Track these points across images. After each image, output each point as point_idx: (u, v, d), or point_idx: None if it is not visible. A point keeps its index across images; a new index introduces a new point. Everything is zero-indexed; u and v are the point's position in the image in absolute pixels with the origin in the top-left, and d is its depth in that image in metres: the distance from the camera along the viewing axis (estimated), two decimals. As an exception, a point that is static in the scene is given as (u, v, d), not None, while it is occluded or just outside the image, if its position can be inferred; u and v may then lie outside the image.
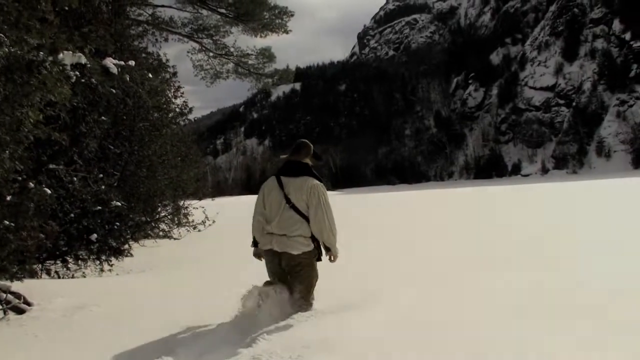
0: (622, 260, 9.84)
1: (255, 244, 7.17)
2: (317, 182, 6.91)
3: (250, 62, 27.20)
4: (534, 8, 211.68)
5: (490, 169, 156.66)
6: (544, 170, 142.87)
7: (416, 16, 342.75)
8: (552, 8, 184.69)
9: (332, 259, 6.96)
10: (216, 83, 27.49)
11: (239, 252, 15.88)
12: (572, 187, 52.99)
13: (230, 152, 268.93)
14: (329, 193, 7.24)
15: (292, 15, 26.27)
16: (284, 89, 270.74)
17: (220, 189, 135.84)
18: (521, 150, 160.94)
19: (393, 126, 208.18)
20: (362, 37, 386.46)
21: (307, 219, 6.74)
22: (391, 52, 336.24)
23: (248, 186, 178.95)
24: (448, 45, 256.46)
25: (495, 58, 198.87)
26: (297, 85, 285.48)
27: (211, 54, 26.48)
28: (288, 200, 6.76)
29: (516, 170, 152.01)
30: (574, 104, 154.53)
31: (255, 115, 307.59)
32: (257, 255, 7.28)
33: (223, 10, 24.75)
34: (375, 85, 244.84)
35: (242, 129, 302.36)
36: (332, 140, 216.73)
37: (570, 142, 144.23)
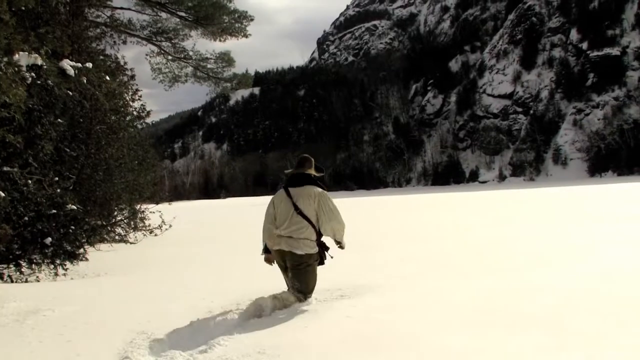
0: (578, 265, 9.92)
1: (266, 250, 7.97)
2: (321, 190, 7.83)
3: (209, 66, 27.14)
4: (493, 16, 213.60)
5: (448, 175, 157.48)
6: (501, 178, 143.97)
7: (376, 22, 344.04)
8: (511, 17, 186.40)
9: (343, 247, 7.95)
10: (175, 86, 27.43)
11: (195, 256, 15.85)
12: (528, 193, 53.46)
13: (188, 156, 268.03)
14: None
15: (252, 20, 26.27)
16: (242, 93, 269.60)
17: (177, 193, 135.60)
18: (479, 157, 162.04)
19: (351, 132, 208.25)
20: (322, 43, 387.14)
21: (312, 224, 7.58)
22: (351, 58, 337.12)
23: (205, 190, 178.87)
24: (407, 51, 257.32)
25: (454, 65, 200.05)
26: (256, 90, 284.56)
27: (170, 57, 26.37)
28: (296, 208, 7.58)
29: (474, 177, 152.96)
30: (531, 112, 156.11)
31: (213, 120, 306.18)
32: (268, 260, 8.08)
33: (182, 14, 24.68)
34: (334, 91, 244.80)
35: (200, 133, 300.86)
36: (290, 145, 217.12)
37: (527, 150, 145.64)
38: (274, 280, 8.39)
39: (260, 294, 7.76)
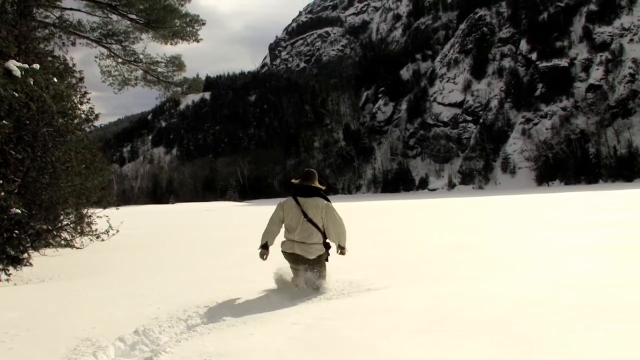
0: (528, 273, 9.94)
1: (264, 246, 9.31)
2: (327, 202, 9.28)
3: (159, 69, 26.94)
4: (444, 25, 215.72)
5: (397, 183, 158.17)
6: (451, 185, 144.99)
7: (328, 29, 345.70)
8: (462, 26, 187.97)
9: (344, 253, 9.37)
10: (124, 90, 27.11)
11: (142, 262, 15.65)
12: (478, 201, 53.92)
13: (137, 161, 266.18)
14: (243, 203, 7.83)
15: (203, 24, 26.15)
16: (193, 97, 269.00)
17: (125, 198, 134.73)
18: (429, 165, 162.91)
19: (302, 138, 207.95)
20: (274, 48, 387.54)
21: (319, 229, 9.06)
22: (302, 64, 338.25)
23: (154, 195, 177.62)
24: (359, 59, 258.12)
25: (406, 73, 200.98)
26: (207, 95, 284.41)
27: (120, 60, 26.09)
28: (306, 216, 9.02)
29: (423, 185, 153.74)
30: (481, 120, 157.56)
31: (163, 124, 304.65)
32: (262, 255, 9.33)
33: (133, 16, 24.43)
34: (285, 97, 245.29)
35: (150, 137, 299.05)
36: (240, 151, 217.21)
37: (476, 158, 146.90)
38: (222, 284, 8.30)
39: (207, 301, 7.75)
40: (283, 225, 9.36)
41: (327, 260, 9.45)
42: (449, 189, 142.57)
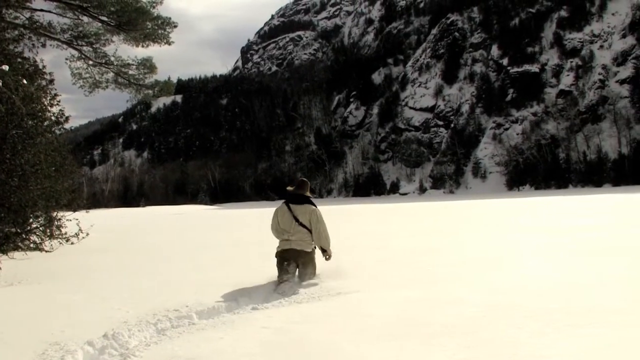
0: (497, 277, 9.99)
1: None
2: (314, 207, 11.08)
3: (130, 72, 26.75)
4: (416, 30, 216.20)
5: (369, 187, 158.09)
6: (422, 190, 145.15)
7: (300, 33, 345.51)
8: (434, 31, 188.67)
9: (328, 258, 11.08)
10: (95, 92, 26.89)
11: (112, 265, 15.57)
12: (449, 205, 54.07)
13: (108, 164, 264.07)
14: (214, 207, 7.90)
15: (175, 27, 26.08)
16: (164, 100, 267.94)
17: (96, 201, 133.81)
18: (400, 169, 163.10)
19: (273, 142, 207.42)
20: (246, 52, 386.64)
21: (310, 230, 10.81)
22: (274, 68, 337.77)
23: (125, 199, 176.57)
24: (331, 63, 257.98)
25: (377, 78, 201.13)
26: (178, 98, 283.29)
27: (91, 63, 25.88)
28: (297, 220, 10.81)
29: (394, 189, 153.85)
30: (452, 125, 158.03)
31: (134, 127, 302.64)
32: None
33: (105, 18, 24.25)
34: (257, 100, 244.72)
35: (121, 140, 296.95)
36: (211, 154, 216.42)
37: (447, 163, 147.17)
38: (192, 288, 8.29)
39: (176, 305, 7.74)
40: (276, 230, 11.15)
41: (328, 258, 11.09)
42: (420, 193, 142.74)
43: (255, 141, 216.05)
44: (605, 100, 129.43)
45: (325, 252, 10.99)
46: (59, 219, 18.90)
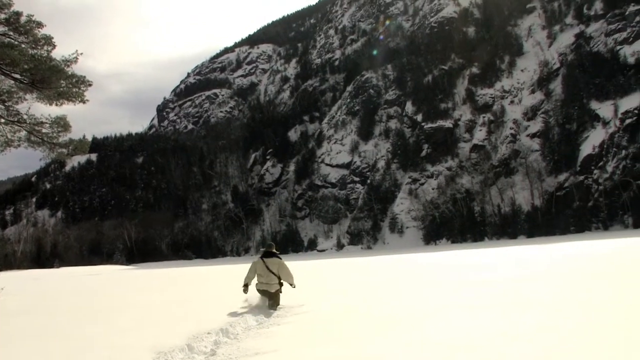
0: (415, 333, 9.81)
1: (245, 285, 17.04)
2: (280, 260, 17.12)
3: (44, 130, 26.20)
4: (331, 87, 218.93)
5: (286, 244, 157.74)
6: (340, 246, 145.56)
7: (216, 91, 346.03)
8: (349, 88, 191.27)
9: (294, 286, 17.35)
10: (6, 151, 26.21)
11: (24, 328, 14.92)
12: (366, 261, 54.17)
13: (20, 224, 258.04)
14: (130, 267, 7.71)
15: (90, 85, 25.75)
16: (79, 159, 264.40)
17: (7, 262, 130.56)
18: (317, 225, 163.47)
19: (190, 200, 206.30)
20: (162, 110, 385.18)
21: (277, 276, 16.67)
22: (190, 126, 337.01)
23: (38, 259, 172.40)
24: (247, 120, 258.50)
25: (294, 135, 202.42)
26: (93, 156, 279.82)
27: (2, 121, 25.29)
28: (268, 269, 16.68)
29: (312, 246, 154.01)
30: (368, 181, 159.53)
31: (48, 186, 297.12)
32: (244, 291, 17.05)
33: (17, 76, 23.82)
34: (173, 159, 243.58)
35: (34, 199, 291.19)
36: (127, 213, 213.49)
37: (364, 219, 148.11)
38: (103, 352, 7.88)
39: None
40: (256, 275, 17.10)
41: (280, 292, 17.17)
42: (337, 250, 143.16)
43: (172, 200, 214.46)
44: (517, 153, 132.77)
45: (291, 284, 17.21)
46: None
